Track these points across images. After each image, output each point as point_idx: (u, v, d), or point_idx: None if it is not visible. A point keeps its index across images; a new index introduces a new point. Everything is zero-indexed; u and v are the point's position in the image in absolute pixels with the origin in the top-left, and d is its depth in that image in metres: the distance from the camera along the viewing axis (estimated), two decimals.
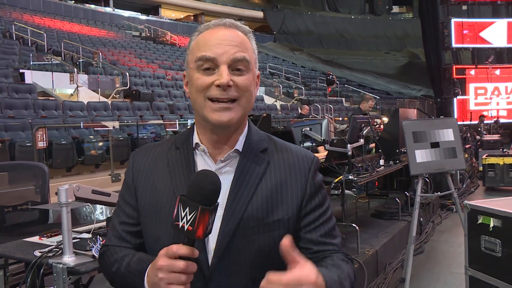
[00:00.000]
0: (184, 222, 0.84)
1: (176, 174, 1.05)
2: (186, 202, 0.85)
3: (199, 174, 0.89)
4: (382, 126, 7.54)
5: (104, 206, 3.09)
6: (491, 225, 2.38)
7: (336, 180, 3.68)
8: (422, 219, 5.23)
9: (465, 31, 16.65)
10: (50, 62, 12.29)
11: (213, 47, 0.99)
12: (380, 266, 3.99)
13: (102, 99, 11.42)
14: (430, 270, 4.16)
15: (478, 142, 10.21)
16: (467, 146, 9.18)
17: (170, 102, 12.52)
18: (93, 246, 1.85)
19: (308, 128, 4.20)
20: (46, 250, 1.92)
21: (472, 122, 13.34)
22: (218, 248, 0.98)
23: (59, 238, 2.04)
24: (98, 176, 7.50)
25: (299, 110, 13.24)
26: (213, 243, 0.99)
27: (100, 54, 14.97)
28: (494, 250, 2.35)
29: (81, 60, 14.16)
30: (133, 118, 9.82)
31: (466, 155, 8.23)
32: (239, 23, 1.07)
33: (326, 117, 8.84)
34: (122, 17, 29.90)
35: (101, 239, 1.87)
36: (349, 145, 3.77)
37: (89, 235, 2.03)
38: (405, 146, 3.75)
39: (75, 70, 12.01)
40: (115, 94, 12.40)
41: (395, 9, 43.22)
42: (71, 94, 11.59)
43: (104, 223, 2.30)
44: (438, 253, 4.68)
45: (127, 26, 27.86)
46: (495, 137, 10.27)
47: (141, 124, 9.28)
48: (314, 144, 4.15)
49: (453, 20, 16.60)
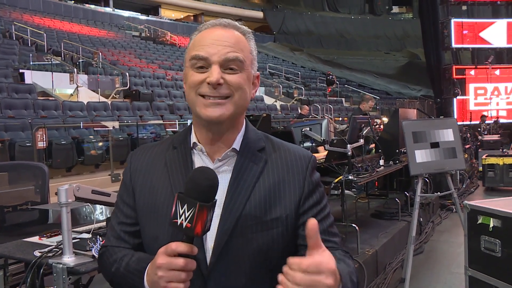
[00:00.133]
0: (182, 219, 0.84)
1: (173, 173, 1.05)
2: (184, 199, 0.85)
3: (196, 171, 0.90)
4: (382, 126, 7.54)
5: (104, 206, 3.08)
6: (491, 225, 2.38)
7: (336, 180, 3.69)
8: (422, 219, 5.23)
9: (465, 31, 16.64)
10: (50, 62, 12.31)
11: (206, 47, 1.00)
12: (380, 266, 3.99)
13: (102, 99, 11.41)
14: (430, 270, 4.16)
15: (478, 142, 10.22)
16: (467, 146, 9.18)
17: (170, 102, 12.52)
18: (93, 246, 1.86)
19: (308, 128, 4.20)
20: (46, 250, 1.92)
21: (472, 122, 13.33)
22: (217, 247, 0.98)
23: (59, 238, 2.04)
24: (98, 176, 7.50)
25: (299, 110, 13.23)
26: (211, 242, 0.99)
27: (100, 54, 14.96)
28: (494, 250, 2.35)
29: (81, 60, 14.15)
30: (133, 118, 9.83)
31: (466, 155, 8.23)
32: (238, 24, 1.07)
33: (326, 117, 8.85)
34: (122, 17, 29.91)
35: (101, 239, 1.87)
36: (349, 145, 3.77)
37: (89, 235, 2.03)
38: (405, 146, 3.75)
39: (75, 70, 12.02)
40: (115, 94, 12.39)
41: (395, 9, 43.23)
42: (71, 94, 11.59)
43: (104, 223, 2.30)
44: (438, 253, 4.68)
45: (127, 26, 27.87)
46: (495, 137, 10.30)
47: (141, 124, 9.27)
48: (314, 144, 4.15)
49: (453, 20, 16.59)
